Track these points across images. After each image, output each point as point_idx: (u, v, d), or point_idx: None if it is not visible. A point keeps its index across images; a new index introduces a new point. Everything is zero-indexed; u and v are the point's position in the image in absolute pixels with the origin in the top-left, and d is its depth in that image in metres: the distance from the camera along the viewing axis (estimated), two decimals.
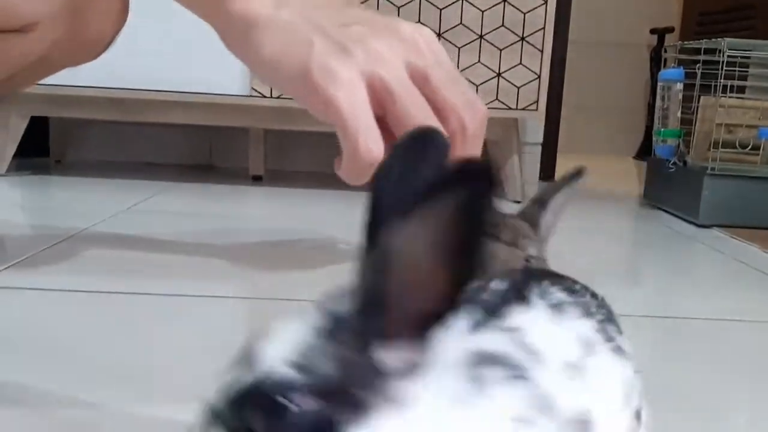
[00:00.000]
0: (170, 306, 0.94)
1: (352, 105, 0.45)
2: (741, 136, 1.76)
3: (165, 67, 1.75)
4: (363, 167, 0.46)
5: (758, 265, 1.37)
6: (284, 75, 0.49)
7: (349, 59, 0.46)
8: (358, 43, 0.47)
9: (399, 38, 0.49)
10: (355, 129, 0.45)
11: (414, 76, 0.48)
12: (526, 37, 1.79)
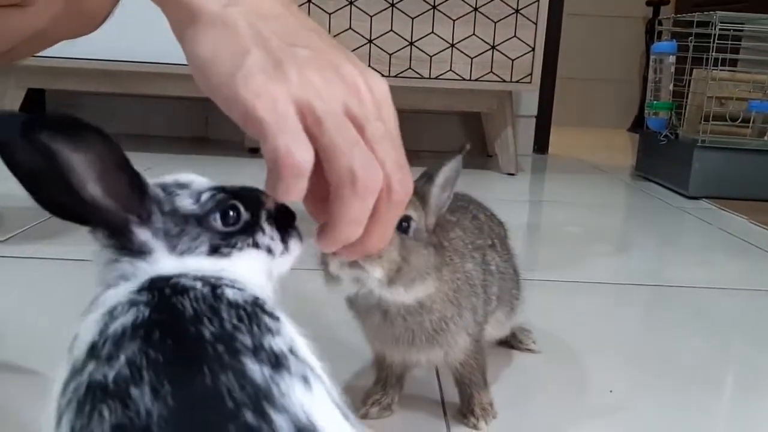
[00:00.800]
0: None
1: (276, 113, 0.41)
2: (732, 108, 1.78)
3: (162, 39, 1.74)
4: (287, 176, 0.41)
5: (744, 235, 1.40)
6: (210, 78, 0.45)
7: (282, 79, 0.42)
8: (295, 67, 0.43)
9: (340, 77, 0.45)
10: (276, 132, 0.41)
11: (349, 119, 0.44)
12: (521, 10, 1.80)
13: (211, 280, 0.38)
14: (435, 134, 2.42)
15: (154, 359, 0.33)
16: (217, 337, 0.34)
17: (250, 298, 0.37)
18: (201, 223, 0.43)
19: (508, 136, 1.99)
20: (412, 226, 0.53)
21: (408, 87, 1.85)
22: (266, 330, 0.36)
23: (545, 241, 1.36)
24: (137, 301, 0.36)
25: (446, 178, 0.56)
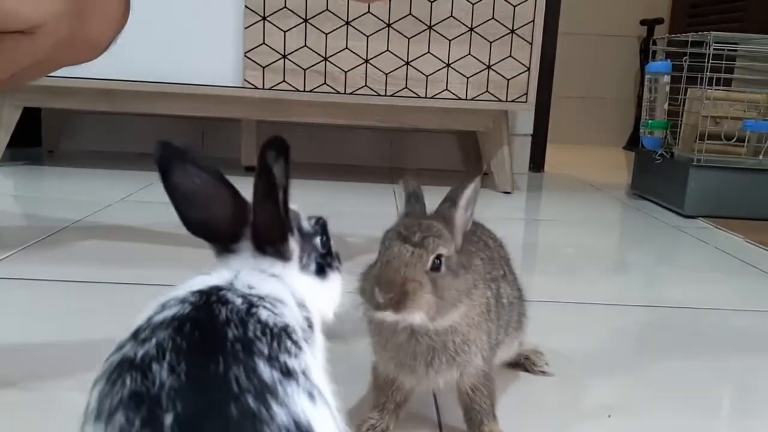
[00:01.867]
0: None
1: None
2: (727, 128, 1.79)
3: (158, 58, 1.76)
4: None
5: (741, 254, 1.40)
6: None
7: None
8: None
9: None
10: None
11: None
12: (516, 30, 1.81)
13: (253, 300, 0.42)
14: (431, 152, 2.42)
15: (179, 344, 0.38)
16: (237, 339, 0.39)
17: (281, 323, 0.42)
18: (311, 243, 0.51)
19: (504, 155, 1.99)
20: (443, 263, 0.56)
21: (404, 106, 1.86)
22: (285, 350, 0.40)
23: (541, 260, 1.36)
24: (186, 300, 0.42)
25: (468, 200, 0.59)
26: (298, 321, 0.44)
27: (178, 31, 1.77)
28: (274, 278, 0.47)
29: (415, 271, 0.54)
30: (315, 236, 0.52)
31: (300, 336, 0.42)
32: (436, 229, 0.57)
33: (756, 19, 2.55)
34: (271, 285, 0.46)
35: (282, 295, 0.45)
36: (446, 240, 0.56)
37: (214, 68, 1.80)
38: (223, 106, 1.88)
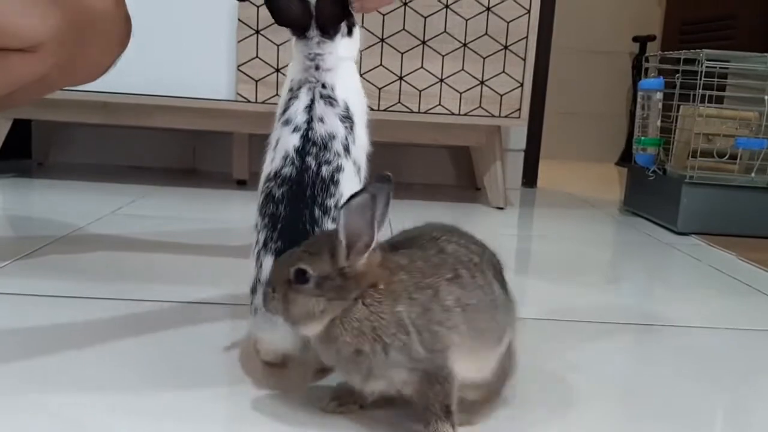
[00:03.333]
0: (154, 312, 0.95)
1: None
2: (719, 145, 1.80)
3: (151, 71, 1.75)
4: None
5: (734, 272, 1.39)
6: None
7: None
8: None
9: None
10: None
11: None
12: (509, 46, 1.81)
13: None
14: (424, 167, 2.42)
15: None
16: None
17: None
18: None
19: (496, 170, 1.99)
20: (311, 279, 0.62)
21: (397, 121, 1.86)
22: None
23: (534, 277, 1.35)
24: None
25: (350, 215, 0.61)
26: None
27: (171, 44, 1.76)
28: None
29: (276, 278, 0.64)
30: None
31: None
32: (299, 251, 0.64)
33: (747, 35, 2.57)
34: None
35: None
36: (310, 260, 0.62)
37: (206, 81, 1.79)
38: (215, 120, 1.87)
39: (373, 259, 0.63)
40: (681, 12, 3.08)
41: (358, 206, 0.61)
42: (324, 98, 0.76)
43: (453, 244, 0.67)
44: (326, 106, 0.75)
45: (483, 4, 1.79)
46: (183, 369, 0.77)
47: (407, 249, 0.66)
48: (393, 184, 0.63)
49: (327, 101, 0.76)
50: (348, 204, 0.61)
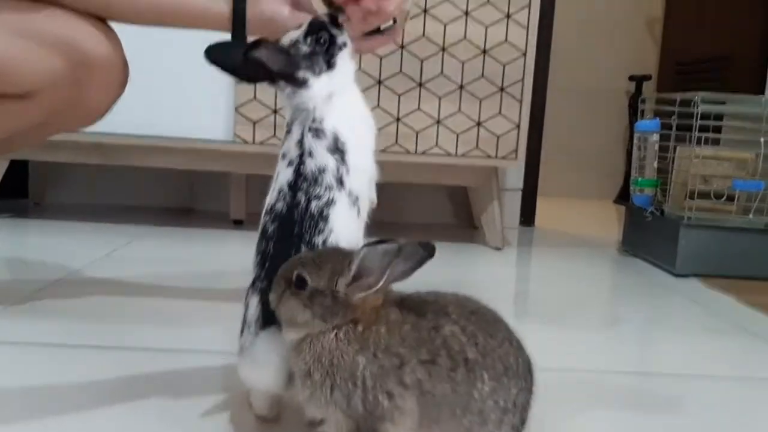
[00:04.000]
0: (146, 361, 0.93)
1: None
2: (716, 186, 1.79)
3: (149, 112, 1.76)
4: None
5: (733, 317, 1.38)
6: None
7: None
8: None
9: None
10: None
11: None
12: (506, 88, 1.82)
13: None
14: (422, 206, 2.42)
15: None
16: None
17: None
18: (316, 56, 0.78)
19: (494, 211, 1.99)
20: (307, 288, 0.64)
21: (394, 161, 1.86)
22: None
23: (532, 321, 1.34)
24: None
25: (371, 254, 0.63)
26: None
27: (170, 86, 1.77)
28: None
29: (283, 274, 0.66)
30: (316, 50, 0.76)
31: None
32: (311, 257, 0.66)
33: (742, 76, 2.59)
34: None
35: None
36: (311, 271, 0.64)
37: (204, 123, 1.80)
38: (212, 161, 1.87)
39: (370, 301, 0.64)
40: (676, 52, 3.12)
41: (381, 251, 0.62)
42: (312, 131, 0.75)
43: (456, 327, 0.64)
44: (314, 139, 0.75)
45: (479, 47, 1.80)
46: (174, 426, 0.76)
47: (413, 309, 0.65)
48: (433, 254, 0.63)
49: (315, 134, 0.75)
50: (375, 245, 0.62)
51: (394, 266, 0.63)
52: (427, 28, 1.79)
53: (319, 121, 0.75)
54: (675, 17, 3.22)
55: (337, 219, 0.73)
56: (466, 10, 1.79)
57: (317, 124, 0.75)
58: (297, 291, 0.64)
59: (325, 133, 0.75)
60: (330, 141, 0.75)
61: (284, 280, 0.65)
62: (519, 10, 1.79)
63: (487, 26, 1.79)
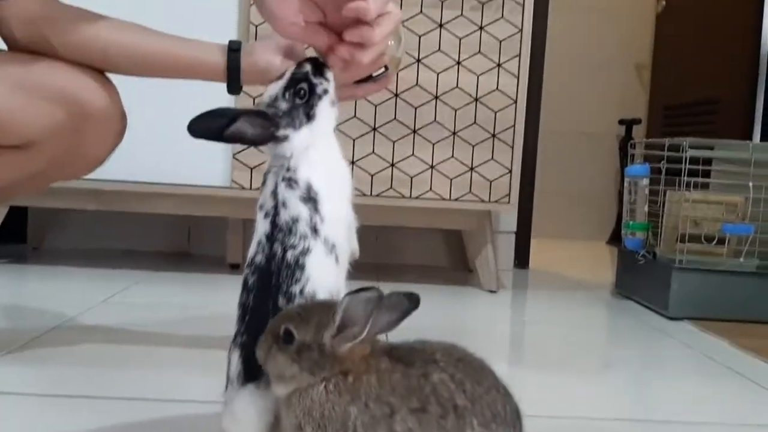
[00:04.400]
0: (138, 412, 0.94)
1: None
2: (707, 230, 1.82)
3: (147, 159, 1.78)
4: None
5: (727, 361, 1.39)
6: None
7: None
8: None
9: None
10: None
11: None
12: (498, 134, 1.86)
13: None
14: (417, 249, 2.44)
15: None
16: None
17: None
18: (297, 110, 0.79)
19: (488, 254, 2.01)
20: (294, 342, 0.64)
21: (390, 206, 1.89)
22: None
23: (527, 367, 1.35)
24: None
25: (353, 303, 0.63)
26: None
27: (167, 132, 1.79)
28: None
29: (271, 329, 0.66)
30: (295, 103, 0.77)
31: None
32: (297, 310, 0.66)
33: (729, 120, 2.64)
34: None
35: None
36: (298, 325, 0.65)
37: (202, 169, 1.83)
38: (210, 206, 1.89)
39: (358, 350, 0.64)
40: (664, 96, 3.18)
41: (363, 299, 0.63)
42: (285, 180, 0.75)
43: (445, 375, 0.64)
44: (287, 189, 0.75)
45: (471, 95, 1.84)
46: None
47: (402, 358, 0.66)
48: (418, 305, 0.65)
49: (288, 183, 0.75)
50: (356, 293, 0.63)
51: (378, 315, 0.64)
52: (421, 77, 1.83)
53: (293, 170, 0.76)
54: (662, 62, 3.29)
55: (314, 267, 0.73)
56: (458, 60, 1.84)
57: (291, 174, 0.76)
58: (284, 346, 0.64)
59: (298, 183, 0.75)
60: (303, 190, 0.75)
61: (272, 335, 0.66)
62: (509, 60, 1.84)
63: (479, 75, 1.84)
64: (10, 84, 0.96)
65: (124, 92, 1.08)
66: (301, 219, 0.74)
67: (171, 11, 1.72)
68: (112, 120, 1.05)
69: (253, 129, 0.76)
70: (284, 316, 0.67)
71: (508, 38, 1.84)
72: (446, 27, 1.83)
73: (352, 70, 0.86)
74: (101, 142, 1.07)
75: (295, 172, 0.76)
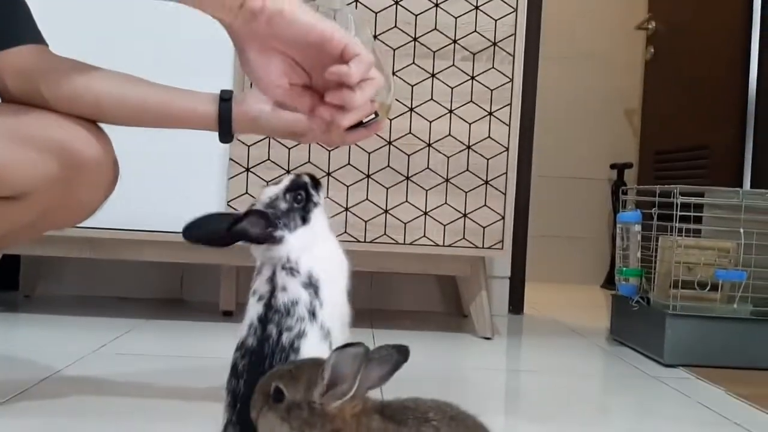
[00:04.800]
0: None
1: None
2: (700, 275, 1.82)
3: (141, 207, 1.79)
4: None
5: (723, 410, 1.38)
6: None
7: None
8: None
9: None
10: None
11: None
12: (490, 181, 1.88)
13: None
14: (411, 295, 2.43)
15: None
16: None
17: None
18: (293, 213, 0.86)
19: (482, 300, 2.00)
20: (284, 401, 0.65)
21: (383, 252, 1.89)
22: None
23: (523, 418, 1.33)
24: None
25: (341, 359, 0.63)
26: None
27: (162, 181, 1.81)
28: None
29: (262, 387, 0.66)
30: (293, 206, 0.83)
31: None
32: (288, 369, 0.66)
33: (719, 165, 2.67)
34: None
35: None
36: (287, 383, 0.65)
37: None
38: (203, 253, 1.89)
39: (348, 408, 0.64)
40: (655, 142, 3.22)
41: (350, 355, 0.63)
42: (286, 269, 0.79)
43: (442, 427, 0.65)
44: (288, 276, 0.78)
45: (463, 142, 1.87)
46: None
47: (394, 416, 0.66)
48: (407, 358, 0.65)
49: (289, 272, 0.79)
50: (343, 349, 0.63)
51: (367, 370, 0.64)
52: (414, 125, 1.86)
53: (294, 261, 0.80)
54: (651, 108, 3.34)
55: (309, 351, 0.75)
56: (451, 109, 1.86)
57: (292, 264, 0.80)
58: (274, 404, 0.64)
59: (299, 271, 0.79)
60: (304, 277, 0.79)
61: (262, 394, 0.66)
62: (501, 108, 1.87)
63: (471, 123, 1.87)
64: (1, 135, 0.96)
65: (117, 140, 1.09)
66: (301, 302, 0.78)
67: (168, 58, 1.75)
68: (104, 169, 1.06)
69: (255, 227, 0.80)
70: (275, 374, 0.66)
71: (499, 87, 1.87)
72: (438, 77, 1.86)
73: (332, 132, 0.88)
74: (94, 192, 1.08)
75: (296, 263, 0.80)
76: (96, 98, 1.01)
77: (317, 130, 0.91)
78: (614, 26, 3.60)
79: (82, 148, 1.00)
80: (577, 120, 3.62)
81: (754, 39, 2.55)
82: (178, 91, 1.05)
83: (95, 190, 1.08)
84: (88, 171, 1.02)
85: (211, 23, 0.82)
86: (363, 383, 0.64)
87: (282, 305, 0.76)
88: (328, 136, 0.93)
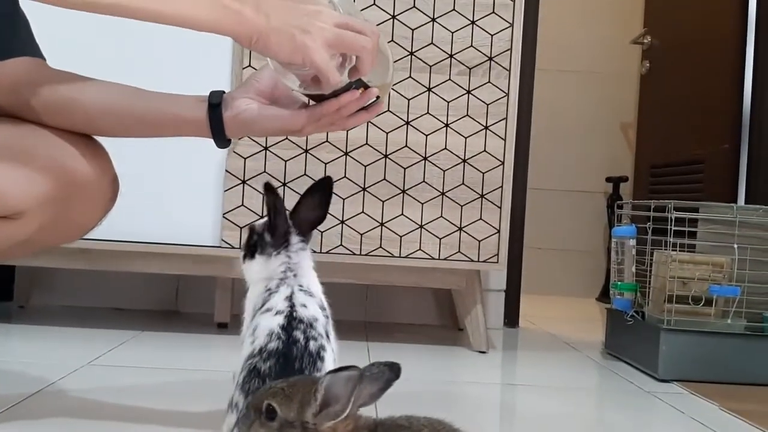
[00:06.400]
0: None
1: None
2: (694, 290, 1.82)
3: (137, 219, 1.79)
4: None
5: (717, 426, 1.38)
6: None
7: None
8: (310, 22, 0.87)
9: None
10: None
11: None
12: (486, 195, 1.88)
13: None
14: (407, 308, 2.43)
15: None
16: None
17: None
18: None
19: (477, 314, 2.00)
20: (276, 419, 0.65)
21: (379, 265, 1.89)
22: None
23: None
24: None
25: (334, 382, 0.64)
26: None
27: (159, 193, 1.81)
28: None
29: (254, 402, 0.66)
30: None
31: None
32: (282, 386, 0.66)
33: (714, 180, 2.68)
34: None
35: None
36: (281, 402, 0.65)
37: (192, 229, 1.83)
38: (199, 265, 1.89)
39: (341, 428, 0.64)
40: (650, 156, 3.23)
41: (344, 378, 0.63)
42: (304, 291, 0.82)
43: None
44: (306, 296, 0.81)
45: (459, 156, 1.87)
46: None
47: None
48: (399, 375, 0.66)
49: (306, 293, 0.82)
50: (337, 373, 0.63)
51: (360, 391, 0.64)
52: (410, 138, 1.87)
53: (306, 287, 0.83)
54: (647, 123, 3.35)
55: (329, 367, 0.76)
56: (447, 123, 1.87)
57: (306, 287, 0.83)
58: (266, 422, 0.65)
59: (313, 294, 0.83)
60: (319, 300, 0.83)
61: (254, 410, 0.66)
62: (496, 122, 1.88)
63: (467, 137, 1.87)
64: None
65: (114, 150, 1.07)
66: (319, 321, 0.81)
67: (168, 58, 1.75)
68: (103, 186, 1.04)
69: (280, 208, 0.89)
70: (268, 392, 0.66)
71: (495, 102, 1.88)
72: (434, 91, 1.87)
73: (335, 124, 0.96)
74: (92, 210, 1.06)
75: (308, 288, 0.84)
76: (86, 110, 0.98)
77: (311, 126, 0.93)
78: (610, 41, 3.63)
79: (78, 165, 0.98)
80: (573, 134, 3.64)
81: (748, 54, 2.57)
82: (171, 98, 1.00)
83: (92, 208, 1.06)
84: (84, 189, 1.00)
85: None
86: (355, 403, 0.64)
87: (306, 317, 0.79)
88: (329, 127, 0.94)
